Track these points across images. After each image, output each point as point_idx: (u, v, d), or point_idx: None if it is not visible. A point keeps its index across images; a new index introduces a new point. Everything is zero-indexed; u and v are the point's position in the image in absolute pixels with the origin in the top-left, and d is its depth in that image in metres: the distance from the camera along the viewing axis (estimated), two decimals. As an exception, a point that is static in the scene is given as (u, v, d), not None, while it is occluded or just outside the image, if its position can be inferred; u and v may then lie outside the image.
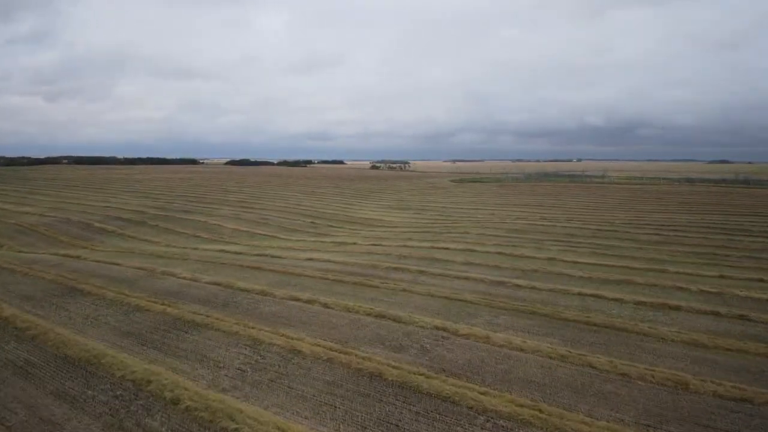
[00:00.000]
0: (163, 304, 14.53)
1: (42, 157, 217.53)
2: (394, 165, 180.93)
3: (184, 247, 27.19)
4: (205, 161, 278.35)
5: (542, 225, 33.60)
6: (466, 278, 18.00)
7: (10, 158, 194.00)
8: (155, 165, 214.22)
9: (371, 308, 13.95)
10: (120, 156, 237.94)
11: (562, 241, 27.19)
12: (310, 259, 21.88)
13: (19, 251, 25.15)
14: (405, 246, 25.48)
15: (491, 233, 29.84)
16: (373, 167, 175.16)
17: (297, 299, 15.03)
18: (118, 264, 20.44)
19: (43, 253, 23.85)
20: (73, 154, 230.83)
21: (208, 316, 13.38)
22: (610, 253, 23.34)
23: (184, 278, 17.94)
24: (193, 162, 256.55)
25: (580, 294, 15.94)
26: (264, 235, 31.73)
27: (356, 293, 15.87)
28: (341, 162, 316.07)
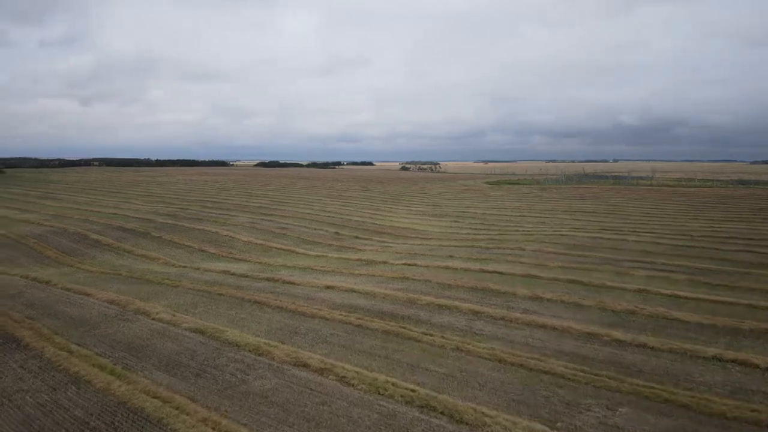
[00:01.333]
0: (111, 374, 10.07)
1: (75, 159, 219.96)
2: (424, 166, 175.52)
3: (183, 266, 22.94)
4: (235, 163, 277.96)
5: (607, 239, 28.27)
6: (542, 326, 13.06)
7: (42, 160, 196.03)
8: (185, 167, 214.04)
9: (412, 390, 9.19)
10: (153, 158, 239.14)
11: (642, 261, 21.93)
12: (330, 288, 17.25)
13: (-10, 271, 21.38)
14: (447, 268, 20.63)
15: (550, 249, 24.71)
16: (403, 168, 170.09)
17: (304, 365, 10.38)
18: (88, 294, 16.19)
19: (13, 275, 19.91)
20: (107, 156, 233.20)
21: (167, 402, 8.84)
22: (714, 282, 18.06)
23: (160, 320, 13.51)
24: (222, 164, 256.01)
25: (717, 359, 10.88)
26: (280, 249, 27.32)
27: (389, 353, 11.13)
28: (370, 163, 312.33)
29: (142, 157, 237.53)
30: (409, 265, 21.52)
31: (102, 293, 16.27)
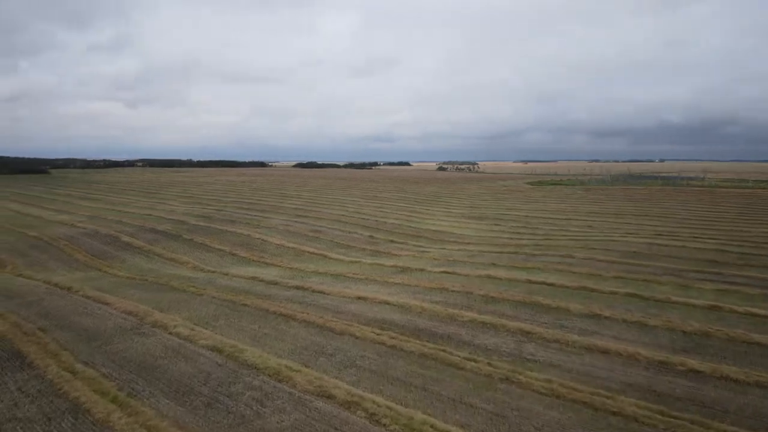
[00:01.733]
0: (114, 401, 8.96)
1: (120, 159, 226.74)
2: (462, 166, 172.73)
3: (212, 271, 22.03)
4: (274, 164, 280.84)
5: (664, 245, 26.00)
6: (604, 351, 11.35)
7: (88, 161, 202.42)
8: (225, 167, 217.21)
9: (456, 435, 7.71)
10: (195, 159, 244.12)
11: (708, 272, 19.76)
12: (361, 299, 15.90)
13: (19, 274, 20.95)
14: (489, 277, 18.99)
15: (603, 258, 22.73)
16: (440, 168, 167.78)
17: (329, 396, 9.03)
18: (107, 303, 15.31)
19: (38, 280, 19.36)
20: (150, 157, 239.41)
21: (167, 440, 7.63)
22: (798, 298, 15.86)
23: (177, 335, 12.43)
24: (261, 165, 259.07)
25: (827, 400, 8.98)
26: (312, 253, 26.17)
27: (426, 383, 9.67)
28: (407, 163, 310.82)
29: (185, 158, 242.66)
30: (448, 273, 19.98)
31: (122, 302, 15.37)
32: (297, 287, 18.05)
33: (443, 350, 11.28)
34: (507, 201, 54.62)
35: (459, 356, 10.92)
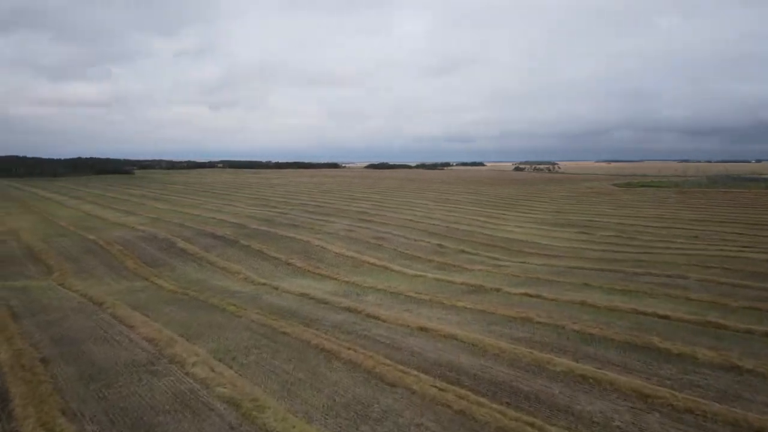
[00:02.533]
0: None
1: (203, 161, 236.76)
2: (540, 166, 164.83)
3: (261, 283, 19.93)
4: (347, 165, 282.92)
5: (802, 263, 21.14)
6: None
7: (173, 162, 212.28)
8: (299, 169, 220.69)
9: None
10: (273, 161, 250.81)
11: None
12: (423, 331, 13.00)
13: (61, 282, 19.84)
14: (584, 304, 15.47)
15: (724, 279, 18.48)
16: (517, 169, 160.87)
17: (363, 505, 6.20)
18: (131, 327, 13.36)
19: (75, 291, 18.00)
20: (233, 159, 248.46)
21: None
22: None
23: (192, 377, 10.09)
24: (335, 166, 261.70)
25: None
26: (372, 264, 23.55)
27: (509, 488, 6.62)
28: (481, 164, 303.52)
29: (264, 160, 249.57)
30: (531, 296, 16.62)
31: (148, 325, 13.35)
32: (349, 309, 15.42)
33: (531, 424, 8.15)
34: (594, 205, 49.60)
35: (554, 437, 7.77)
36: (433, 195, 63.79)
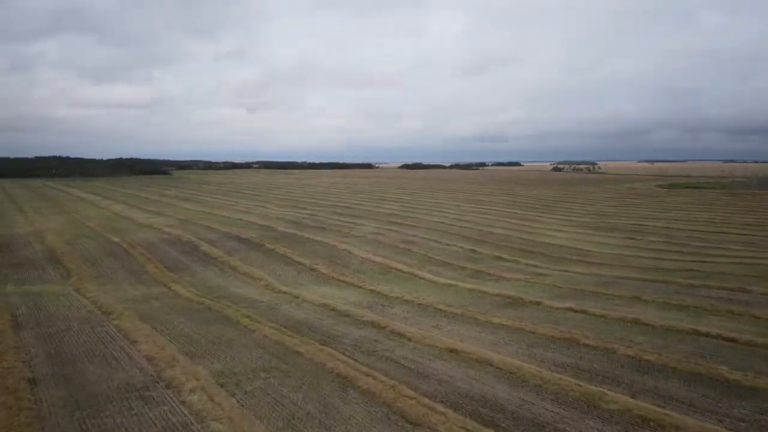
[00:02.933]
0: None
1: (239, 161, 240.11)
2: (580, 166, 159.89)
3: (282, 292, 18.77)
4: (380, 165, 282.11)
5: None
6: None
7: (211, 162, 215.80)
8: (333, 169, 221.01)
9: None
10: (308, 161, 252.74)
11: None
12: (453, 353, 11.52)
13: (77, 288, 19.14)
14: (636, 322, 13.69)
15: (798, 295, 16.31)
16: (555, 169, 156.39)
17: None
18: (134, 342, 12.31)
19: (87, 298, 17.18)
20: (270, 160, 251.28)
21: None
22: None
23: (188, 406, 8.90)
24: (368, 166, 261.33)
25: None
26: (400, 271, 22.15)
27: None
28: (517, 164, 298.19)
29: (300, 160, 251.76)
30: (575, 311, 14.91)
31: (151, 341, 12.27)
32: (372, 324, 14.05)
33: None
34: (639, 208, 46.90)
35: None
36: (466, 196, 61.94)
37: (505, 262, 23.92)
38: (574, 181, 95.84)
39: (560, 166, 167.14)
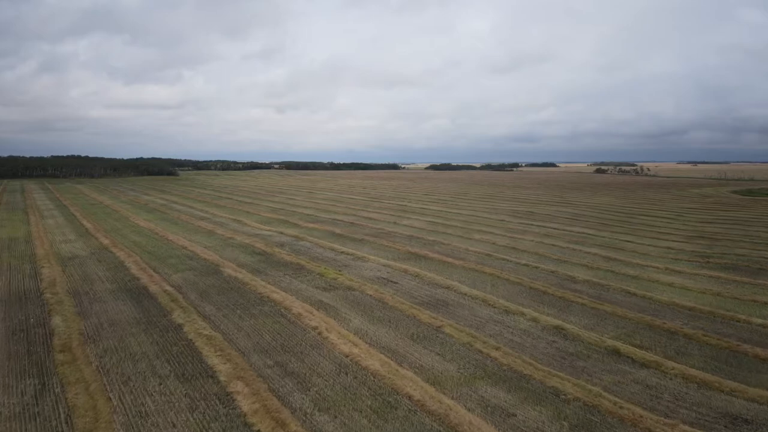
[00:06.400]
0: None
1: (261, 162, 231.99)
2: (625, 168, 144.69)
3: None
4: (407, 166, 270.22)
5: None
6: None
7: (228, 162, 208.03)
8: (357, 170, 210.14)
9: None
10: (334, 161, 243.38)
11: None
12: None
13: None
14: None
15: None
16: (598, 171, 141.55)
17: None
18: None
19: None
20: (293, 160, 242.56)
21: None
22: None
23: None
24: (394, 167, 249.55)
25: None
26: (419, 403, 10.30)
27: None
28: (552, 164, 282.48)
29: (326, 161, 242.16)
30: None
31: None
32: None
33: None
34: (748, 226, 33.74)
35: None
36: (510, 206, 49.40)
37: (625, 365, 11.50)
38: (629, 186, 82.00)
39: (603, 167, 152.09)
